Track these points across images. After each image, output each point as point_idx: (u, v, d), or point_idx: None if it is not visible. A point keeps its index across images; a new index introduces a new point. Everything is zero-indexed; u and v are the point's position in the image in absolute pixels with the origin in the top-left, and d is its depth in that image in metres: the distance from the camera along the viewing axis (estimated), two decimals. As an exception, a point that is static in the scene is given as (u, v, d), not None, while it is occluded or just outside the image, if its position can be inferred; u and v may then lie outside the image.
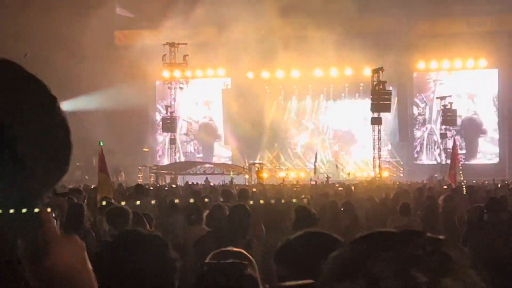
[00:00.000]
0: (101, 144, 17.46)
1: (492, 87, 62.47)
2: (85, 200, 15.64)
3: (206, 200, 15.22)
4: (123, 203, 14.02)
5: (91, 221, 11.66)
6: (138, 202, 14.33)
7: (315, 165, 55.88)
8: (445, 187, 26.56)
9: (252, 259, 3.99)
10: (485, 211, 10.92)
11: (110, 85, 58.37)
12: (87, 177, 49.44)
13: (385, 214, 14.16)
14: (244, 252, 4.10)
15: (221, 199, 14.92)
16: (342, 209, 13.57)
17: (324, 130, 65.60)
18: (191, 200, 14.77)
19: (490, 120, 63.15)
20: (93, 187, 22.53)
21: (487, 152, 63.35)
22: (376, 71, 50.45)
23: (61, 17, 53.12)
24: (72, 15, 54.62)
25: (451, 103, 58.02)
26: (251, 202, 13.64)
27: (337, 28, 57.70)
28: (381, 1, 56.45)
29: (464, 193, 20.50)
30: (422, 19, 61.62)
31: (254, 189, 25.96)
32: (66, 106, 54.71)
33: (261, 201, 14.91)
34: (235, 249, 4.14)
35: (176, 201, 14.89)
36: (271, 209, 13.38)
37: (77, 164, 58.79)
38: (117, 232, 4.80)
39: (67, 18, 53.56)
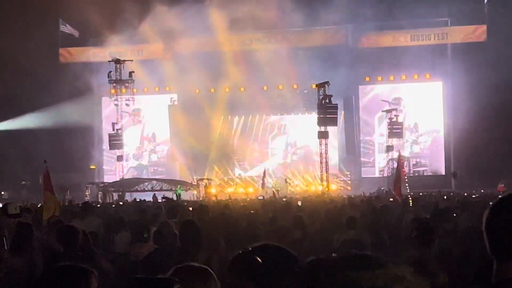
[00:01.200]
0: (46, 162, 17.25)
1: (437, 99, 63.18)
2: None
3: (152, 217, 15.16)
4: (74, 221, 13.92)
5: (39, 240, 11.54)
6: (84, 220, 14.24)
7: (263, 180, 56.00)
8: (391, 199, 26.77)
9: (212, 275, 3.97)
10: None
11: (55, 102, 57.96)
12: (34, 197, 48.84)
13: (333, 228, 14.20)
14: (205, 267, 4.08)
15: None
16: (293, 222, 13.60)
17: (273, 144, 65.74)
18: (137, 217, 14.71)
19: (436, 132, 63.93)
20: (40, 205, 22.30)
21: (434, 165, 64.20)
22: (321, 85, 50.71)
23: (4, 35, 52.54)
24: (16, 33, 54.11)
25: (397, 116, 58.62)
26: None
27: (284, 42, 58.12)
28: (327, 15, 56.85)
29: (411, 205, 20.64)
30: (368, 32, 62.30)
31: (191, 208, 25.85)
32: (10, 124, 54.57)
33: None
34: (196, 264, 4.13)
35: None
36: (231, 223, 13.34)
37: (23, 182, 58.28)
38: (46, 269, 4.78)
39: (10, 36, 53.01)
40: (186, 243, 8.51)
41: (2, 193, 57.67)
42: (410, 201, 21.83)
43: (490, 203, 2.83)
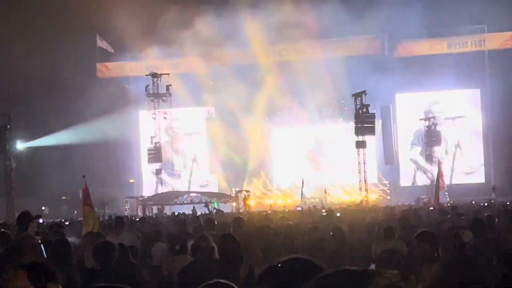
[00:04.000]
0: (84, 177, 17.35)
1: (475, 107, 62.75)
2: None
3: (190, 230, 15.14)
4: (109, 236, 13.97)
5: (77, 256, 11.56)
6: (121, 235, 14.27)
7: (302, 191, 55.87)
8: (431, 208, 26.60)
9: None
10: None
11: (94, 117, 58.31)
12: (75, 212, 49.09)
13: (372, 238, 14.11)
14: (232, 285, 4.06)
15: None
16: (331, 233, 13.52)
17: (311, 155, 65.59)
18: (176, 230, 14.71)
19: (475, 140, 63.45)
20: (79, 220, 22.44)
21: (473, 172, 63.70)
22: (358, 94, 50.56)
23: (42, 51, 53.07)
24: (54, 49, 54.62)
25: (435, 125, 58.21)
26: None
27: (320, 52, 58.16)
28: (362, 24, 56.78)
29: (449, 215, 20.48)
30: (404, 41, 62.09)
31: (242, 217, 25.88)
32: (49, 140, 55.08)
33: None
34: (223, 281, 4.10)
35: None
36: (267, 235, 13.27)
37: (63, 198, 58.68)
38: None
39: (48, 52, 53.53)
40: (226, 256, 8.46)
41: (43, 208, 58.05)
42: (450, 209, 21.68)
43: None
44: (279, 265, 3.20)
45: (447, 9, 56.09)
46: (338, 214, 24.24)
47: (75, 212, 49.01)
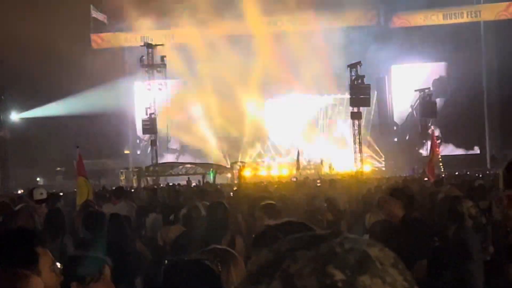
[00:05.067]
0: (78, 148, 17.30)
1: (471, 76, 62.67)
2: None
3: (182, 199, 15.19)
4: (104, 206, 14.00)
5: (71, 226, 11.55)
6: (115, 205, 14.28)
7: (297, 162, 55.88)
8: (426, 179, 26.59)
9: (236, 256, 3.98)
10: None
11: (88, 88, 58.15)
12: (68, 182, 49.13)
13: (366, 209, 14.12)
14: (229, 249, 4.08)
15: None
16: (325, 204, 13.54)
17: (306, 126, 65.53)
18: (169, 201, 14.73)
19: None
20: (72, 190, 22.44)
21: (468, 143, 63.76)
22: (354, 65, 50.55)
23: (36, 22, 52.81)
24: (47, 20, 54.33)
25: (430, 95, 58.14)
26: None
27: (315, 23, 57.98)
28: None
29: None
30: (399, 12, 61.99)
31: (234, 188, 25.94)
32: (43, 111, 54.93)
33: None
34: (219, 246, 4.13)
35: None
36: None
37: (58, 169, 58.68)
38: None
39: (42, 23, 53.25)
40: (212, 225, 8.47)
41: (38, 179, 58.13)
42: (444, 180, 21.67)
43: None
44: (272, 228, 3.20)
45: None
46: (332, 184, 24.28)
47: (70, 182, 49.16)
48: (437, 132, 41.27)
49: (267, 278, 1.32)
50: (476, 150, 63.72)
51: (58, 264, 4.57)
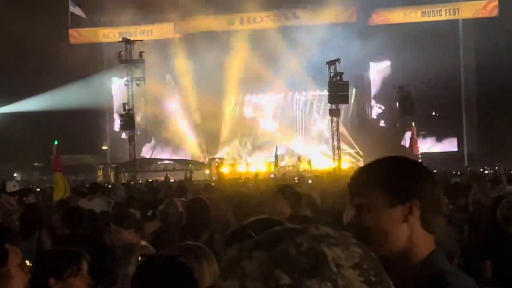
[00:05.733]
0: (56, 143, 17.25)
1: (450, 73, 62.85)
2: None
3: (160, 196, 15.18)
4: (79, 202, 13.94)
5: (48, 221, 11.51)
6: (93, 201, 14.24)
7: (275, 158, 55.96)
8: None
9: (210, 253, 3.98)
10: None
11: (66, 83, 57.90)
12: (45, 178, 48.93)
13: (344, 206, 14.12)
14: (202, 246, 4.08)
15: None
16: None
17: (284, 122, 65.54)
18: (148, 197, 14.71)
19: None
20: (49, 186, 22.35)
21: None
22: (332, 62, 50.61)
23: (14, 17, 52.48)
24: (25, 15, 54.01)
25: (408, 92, 58.21)
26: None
27: (294, 20, 58.01)
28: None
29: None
30: (378, 9, 62.09)
31: (213, 184, 25.92)
32: (21, 106, 54.60)
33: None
34: (192, 243, 4.13)
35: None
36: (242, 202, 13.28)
37: (35, 164, 58.40)
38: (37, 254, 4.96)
39: (20, 18, 52.94)
40: (191, 221, 8.45)
41: (15, 175, 57.82)
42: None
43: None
44: (245, 226, 3.19)
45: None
46: (309, 181, 24.32)
47: (47, 178, 48.95)
48: (413, 129, 41.32)
49: (231, 275, 1.31)
50: (454, 147, 64.00)
51: (27, 262, 4.55)
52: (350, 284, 1.32)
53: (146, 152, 64.25)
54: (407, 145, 53.55)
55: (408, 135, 51.79)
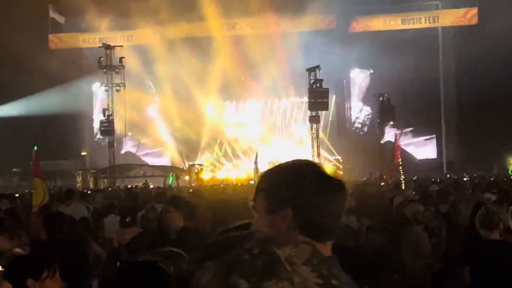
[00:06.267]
0: (36, 149, 17.17)
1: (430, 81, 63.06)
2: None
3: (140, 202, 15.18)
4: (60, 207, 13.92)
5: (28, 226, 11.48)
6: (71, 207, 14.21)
7: (255, 165, 55.93)
8: (382, 183, 26.77)
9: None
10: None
11: (46, 89, 57.71)
12: (24, 183, 48.73)
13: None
14: (180, 252, 4.09)
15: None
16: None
17: (264, 129, 65.52)
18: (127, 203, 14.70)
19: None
20: (28, 191, 22.27)
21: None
22: (312, 69, 50.72)
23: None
24: (4, 20, 53.77)
25: (388, 100, 58.38)
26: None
27: (275, 26, 58.08)
28: (317, 0, 56.98)
29: (403, 188, 20.65)
30: (358, 16, 62.26)
31: (190, 190, 25.89)
32: (0, 111, 54.28)
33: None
34: (171, 248, 4.14)
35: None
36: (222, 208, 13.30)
37: (14, 169, 58.11)
38: (11, 260, 5.06)
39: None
40: (164, 227, 8.44)
41: (-6, 180, 57.58)
42: (403, 184, 21.84)
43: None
44: (227, 230, 3.20)
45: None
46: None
47: (26, 183, 48.72)
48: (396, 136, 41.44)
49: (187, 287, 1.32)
50: (433, 154, 64.20)
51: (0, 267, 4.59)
52: (306, 280, 1.34)
53: (125, 157, 63.91)
54: (387, 152, 53.79)
55: (388, 139, 51.96)
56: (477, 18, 60.35)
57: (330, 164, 61.36)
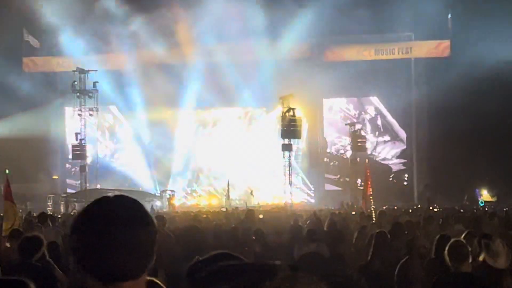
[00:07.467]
0: (7, 172, 17.14)
1: (402, 112, 63.45)
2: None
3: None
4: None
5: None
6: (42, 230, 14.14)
7: (227, 192, 55.97)
8: (353, 212, 26.87)
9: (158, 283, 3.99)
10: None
11: (18, 112, 57.42)
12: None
13: (295, 241, 14.19)
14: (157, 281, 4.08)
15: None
16: (253, 237, 13.62)
17: (236, 157, 65.48)
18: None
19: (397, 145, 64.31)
20: (-1, 215, 22.11)
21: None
22: (286, 97, 50.88)
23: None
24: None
25: (360, 130, 58.67)
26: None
27: (249, 54, 58.26)
28: (291, 27, 57.25)
29: (374, 219, 20.74)
30: (332, 46, 62.55)
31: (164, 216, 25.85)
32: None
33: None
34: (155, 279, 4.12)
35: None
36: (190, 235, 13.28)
37: (-16, 193, 57.54)
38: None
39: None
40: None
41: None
42: (373, 215, 21.93)
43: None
44: (201, 261, 3.23)
45: (376, 16, 56.44)
46: (261, 216, 24.40)
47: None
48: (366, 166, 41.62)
49: None
50: (404, 183, 64.48)
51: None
52: None
53: (97, 182, 63.50)
54: (358, 182, 53.99)
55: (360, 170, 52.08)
56: (449, 50, 60.85)
57: (301, 192, 61.61)
